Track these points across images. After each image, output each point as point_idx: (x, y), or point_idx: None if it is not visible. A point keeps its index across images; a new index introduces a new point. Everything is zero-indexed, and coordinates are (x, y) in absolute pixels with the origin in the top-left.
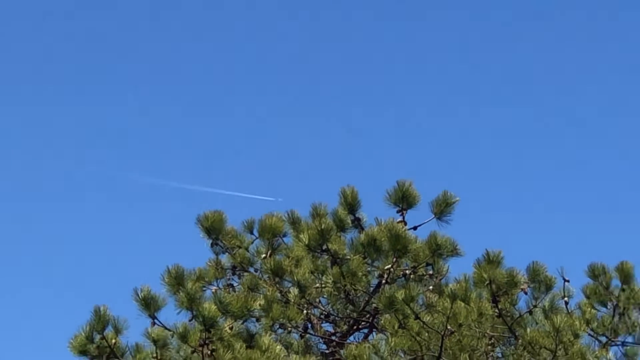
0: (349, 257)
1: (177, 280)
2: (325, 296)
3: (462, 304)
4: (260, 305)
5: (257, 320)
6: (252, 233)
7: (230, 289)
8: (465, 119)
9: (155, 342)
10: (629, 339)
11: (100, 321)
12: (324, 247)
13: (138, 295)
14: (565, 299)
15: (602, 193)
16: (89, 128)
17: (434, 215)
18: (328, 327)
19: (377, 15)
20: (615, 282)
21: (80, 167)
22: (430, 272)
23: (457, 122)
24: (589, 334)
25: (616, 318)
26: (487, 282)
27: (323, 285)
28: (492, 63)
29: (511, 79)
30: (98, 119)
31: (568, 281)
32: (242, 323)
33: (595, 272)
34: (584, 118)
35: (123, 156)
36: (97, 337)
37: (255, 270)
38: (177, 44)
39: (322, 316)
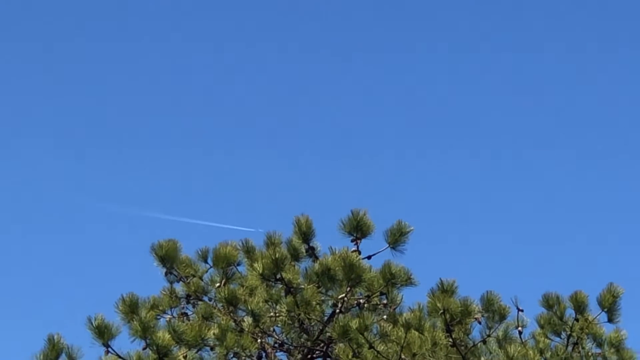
0: (303, 286)
1: (131, 308)
2: (279, 325)
3: (416, 334)
4: (214, 334)
5: (211, 349)
6: (206, 262)
7: (185, 317)
8: (420, 149)
9: None
10: None
11: (54, 349)
12: (278, 276)
13: (92, 323)
14: (519, 328)
15: (556, 223)
16: (42, 150)
17: (388, 245)
18: (282, 356)
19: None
20: (570, 312)
21: (33, 191)
22: (384, 301)
23: (412, 152)
24: None
25: (570, 348)
26: (441, 311)
27: (277, 314)
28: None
29: (465, 108)
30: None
31: (522, 311)
32: (196, 352)
33: (549, 302)
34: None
35: (78, 180)
36: None
37: (210, 299)
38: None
39: (276, 345)
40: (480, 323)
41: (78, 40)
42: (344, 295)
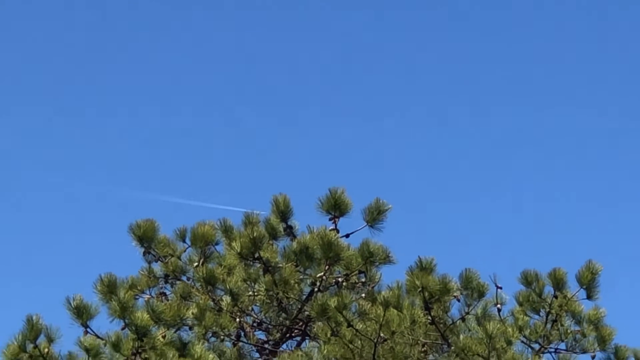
0: (281, 265)
1: (109, 288)
2: (257, 304)
3: (395, 312)
4: (192, 313)
5: (190, 328)
6: (184, 241)
7: (163, 297)
8: (397, 127)
9: (87, 351)
10: (562, 346)
11: (33, 330)
12: (257, 255)
13: (70, 304)
14: (498, 306)
15: (533, 201)
16: (21, 130)
17: (366, 223)
18: (261, 335)
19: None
20: (548, 289)
21: (13, 171)
22: (363, 279)
23: (389, 129)
24: (522, 341)
25: (549, 325)
26: (420, 289)
27: (255, 294)
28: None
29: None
30: (32, 121)
31: (501, 288)
32: (175, 331)
33: (528, 279)
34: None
35: (52, 159)
36: (30, 346)
37: (188, 279)
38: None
39: (255, 324)
40: (459, 301)
41: None
42: (322, 273)
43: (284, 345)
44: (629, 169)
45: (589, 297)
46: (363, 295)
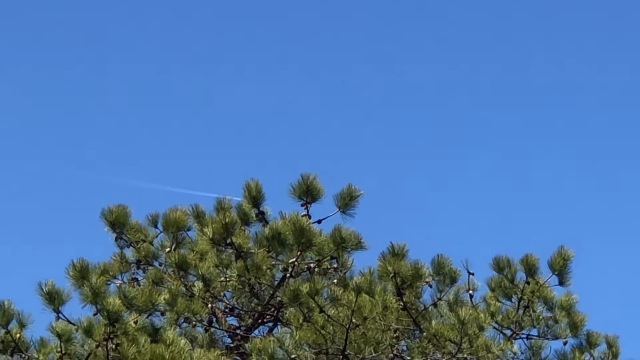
0: (253, 250)
1: (81, 274)
2: (229, 290)
3: (367, 297)
4: (164, 299)
5: (162, 314)
6: (156, 227)
7: (135, 283)
8: (371, 113)
9: (59, 336)
10: (534, 332)
11: (5, 316)
12: (229, 240)
13: (42, 289)
14: (470, 291)
15: (505, 187)
16: None
17: (338, 209)
18: (233, 320)
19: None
20: (520, 275)
21: None
22: (335, 265)
23: (361, 115)
24: (494, 327)
25: (521, 311)
26: (392, 275)
27: (227, 279)
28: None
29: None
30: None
31: (473, 274)
32: (147, 317)
33: (500, 265)
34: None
35: (24, 142)
36: (2, 332)
37: (160, 264)
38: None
39: (227, 310)
40: (431, 286)
41: None
42: (294, 259)
43: (256, 331)
44: (601, 154)
45: (561, 283)
46: (335, 281)
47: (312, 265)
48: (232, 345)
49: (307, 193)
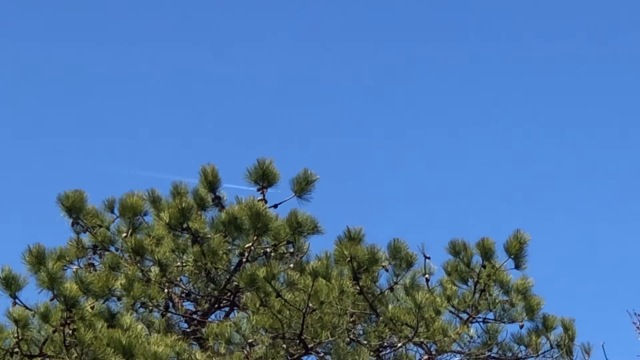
0: (209, 235)
1: (38, 259)
2: (186, 275)
3: (324, 282)
4: (121, 284)
5: (119, 299)
6: (112, 212)
7: (92, 268)
8: (328, 99)
9: (16, 322)
10: (490, 316)
11: None
12: (185, 225)
13: None
14: (426, 275)
15: (460, 170)
16: None
17: (294, 194)
18: (189, 305)
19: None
20: (477, 259)
21: None
22: (291, 250)
23: (318, 100)
24: (450, 311)
25: (477, 295)
26: (348, 259)
27: (184, 264)
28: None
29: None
30: None
31: (429, 258)
32: (104, 302)
33: (456, 249)
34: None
35: None
36: None
37: (116, 250)
38: None
39: (183, 295)
40: (387, 271)
41: None
42: (250, 244)
43: (213, 316)
44: (559, 139)
45: (517, 266)
46: (291, 265)
47: (268, 249)
48: (188, 330)
49: (263, 178)
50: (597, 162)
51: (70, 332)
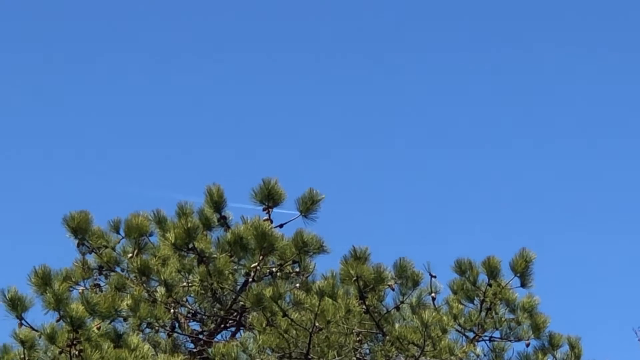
0: (215, 255)
1: (44, 280)
2: (192, 295)
3: (330, 301)
4: (127, 304)
5: (125, 319)
6: (118, 233)
7: (97, 289)
8: (334, 118)
9: (23, 343)
10: (496, 334)
11: None
12: (191, 245)
13: (5, 296)
14: (433, 294)
15: (466, 190)
16: None
17: (300, 213)
18: (195, 325)
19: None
20: (482, 277)
21: None
22: (297, 269)
23: (322, 121)
24: (457, 330)
25: (483, 313)
26: (354, 278)
27: (190, 284)
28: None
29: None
30: None
31: (435, 277)
32: (110, 323)
33: (462, 268)
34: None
35: None
36: None
37: (122, 270)
38: None
39: (190, 315)
40: (393, 290)
41: None
42: (256, 264)
43: (219, 336)
44: (561, 160)
45: (523, 285)
46: (297, 285)
47: (274, 269)
48: (195, 350)
49: (269, 197)
50: (602, 176)
51: (77, 353)
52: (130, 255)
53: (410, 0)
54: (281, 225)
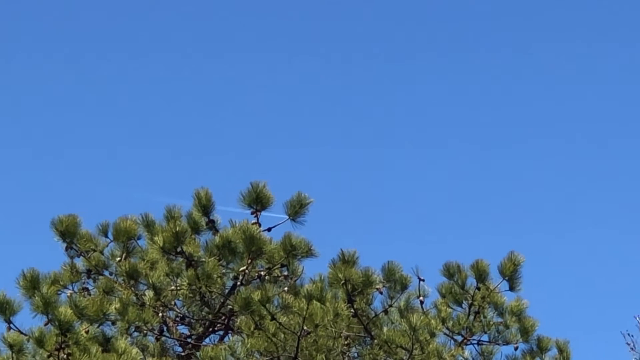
0: (203, 259)
1: (32, 284)
2: (180, 298)
3: (318, 305)
4: (115, 308)
5: (113, 323)
6: (106, 236)
7: (86, 292)
8: (321, 123)
9: (11, 346)
10: (485, 338)
11: None
12: (179, 249)
13: None
14: (421, 298)
15: (455, 191)
16: None
17: (288, 217)
18: (184, 329)
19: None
20: (471, 281)
21: None
22: (285, 273)
23: (311, 122)
24: (445, 333)
25: (472, 317)
26: (343, 282)
27: (178, 288)
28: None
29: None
30: None
31: (423, 280)
32: (98, 326)
33: (450, 271)
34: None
35: None
36: None
37: (110, 274)
38: None
39: (178, 318)
40: (381, 293)
41: None
42: (244, 267)
43: (207, 340)
44: (551, 160)
45: (511, 288)
46: (286, 288)
47: (262, 273)
48: (183, 354)
49: (257, 201)
50: (595, 180)
51: (65, 356)
52: (118, 258)
53: (411, 0)
54: (269, 229)
